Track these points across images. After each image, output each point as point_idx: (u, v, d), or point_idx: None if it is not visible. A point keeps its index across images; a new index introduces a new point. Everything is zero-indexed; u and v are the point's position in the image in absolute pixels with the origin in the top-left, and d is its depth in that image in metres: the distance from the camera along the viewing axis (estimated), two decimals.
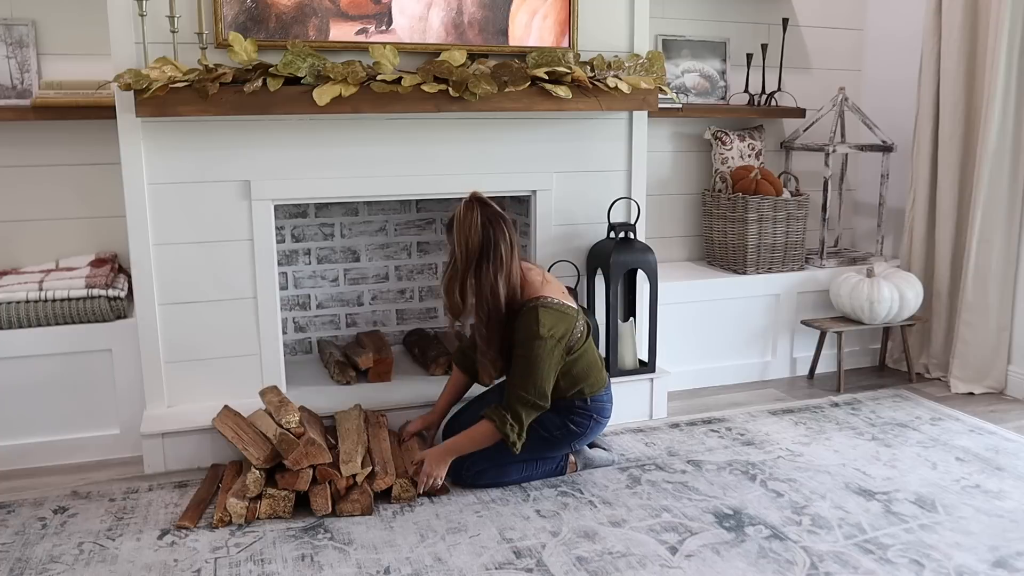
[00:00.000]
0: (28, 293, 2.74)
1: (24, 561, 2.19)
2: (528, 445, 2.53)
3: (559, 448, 2.63)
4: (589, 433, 2.64)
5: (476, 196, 2.50)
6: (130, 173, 2.64)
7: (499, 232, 2.43)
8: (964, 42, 3.48)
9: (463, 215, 2.45)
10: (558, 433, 2.58)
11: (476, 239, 2.42)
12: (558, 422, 2.58)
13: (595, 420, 2.63)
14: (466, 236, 2.43)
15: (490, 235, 2.42)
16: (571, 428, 2.59)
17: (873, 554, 2.21)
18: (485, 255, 2.42)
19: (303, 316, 3.42)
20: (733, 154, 3.76)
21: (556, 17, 2.96)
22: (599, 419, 2.64)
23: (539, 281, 2.56)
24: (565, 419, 2.58)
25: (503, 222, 2.46)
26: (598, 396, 2.63)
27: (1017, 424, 3.15)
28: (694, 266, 3.84)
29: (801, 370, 3.76)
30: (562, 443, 2.61)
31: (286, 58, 2.55)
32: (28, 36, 2.96)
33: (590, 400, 2.60)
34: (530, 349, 2.43)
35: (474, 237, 2.42)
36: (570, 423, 2.58)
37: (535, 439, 2.55)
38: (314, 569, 2.15)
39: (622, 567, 2.15)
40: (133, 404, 2.82)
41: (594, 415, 2.62)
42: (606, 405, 2.66)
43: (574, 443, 2.64)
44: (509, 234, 2.45)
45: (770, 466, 2.76)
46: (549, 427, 2.57)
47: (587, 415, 2.60)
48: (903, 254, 3.82)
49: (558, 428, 2.58)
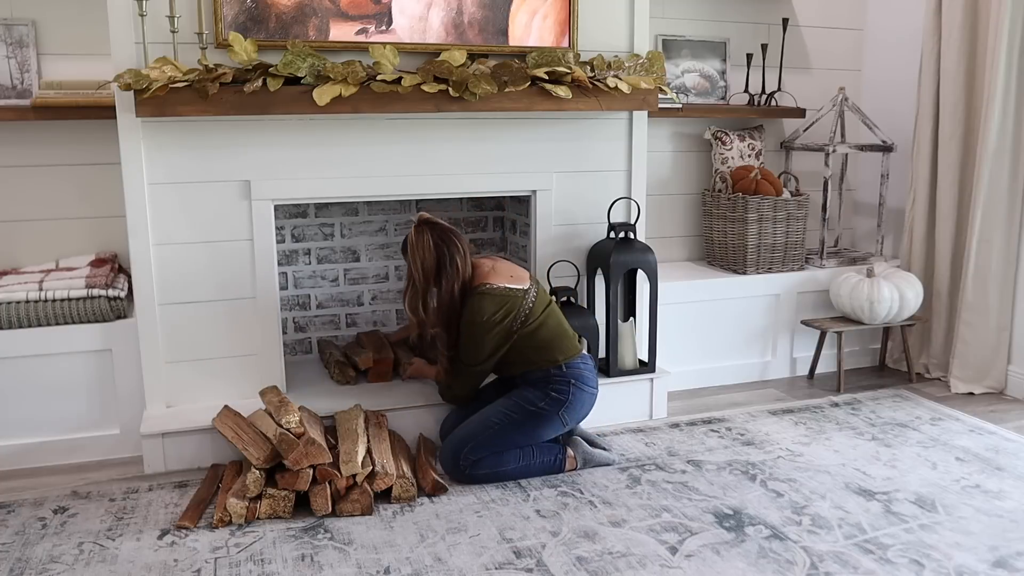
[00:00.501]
0: (28, 293, 2.74)
1: (24, 561, 2.19)
2: (519, 420, 2.61)
3: (551, 422, 2.65)
4: (575, 402, 2.67)
5: (423, 219, 2.68)
6: (130, 173, 2.64)
7: (452, 247, 2.63)
8: (964, 42, 3.48)
9: (415, 239, 2.64)
10: (543, 404, 2.63)
11: (431, 259, 2.62)
12: (540, 393, 2.64)
13: (575, 386, 2.66)
14: (421, 258, 2.63)
15: (444, 252, 2.63)
16: (553, 396, 2.64)
17: (873, 554, 2.21)
18: (441, 270, 2.63)
19: (303, 316, 3.42)
20: (733, 154, 3.76)
21: (556, 17, 2.96)
22: (580, 385, 2.67)
23: (487, 269, 2.70)
24: (545, 390, 2.65)
25: (454, 236, 2.66)
26: (573, 362, 2.69)
27: (1017, 424, 3.15)
28: (694, 266, 3.84)
29: (801, 370, 3.76)
30: (551, 415, 2.64)
31: (286, 58, 2.55)
32: (28, 36, 2.96)
33: (565, 367, 2.67)
34: (467, 330, 2.65)
35: (429, 257, 2.62)
36: (551, 391, 2.64)
37: (523, 414, 2.63)
38: (314, 569, 2.15)
39: (622, 567, 2.15)
40: (133, 404, 2.82)
41: (572, 380, 2.66)
42: (584, 372, 2.70)
43: (563, 414, 2.66)
44: (461, 245, 2.66)
45: (770, 466, 2.76)
46: (533, 400, 2.64)
47: (565, 381, 2.65)
48: (903, 254, 3.82)
49: (541, 399, 2.64)
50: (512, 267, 2.77)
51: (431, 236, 2.63)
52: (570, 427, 2.74)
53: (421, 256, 2.63)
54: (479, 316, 2.61)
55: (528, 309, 2.67)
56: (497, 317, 2.62)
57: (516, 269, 2.77)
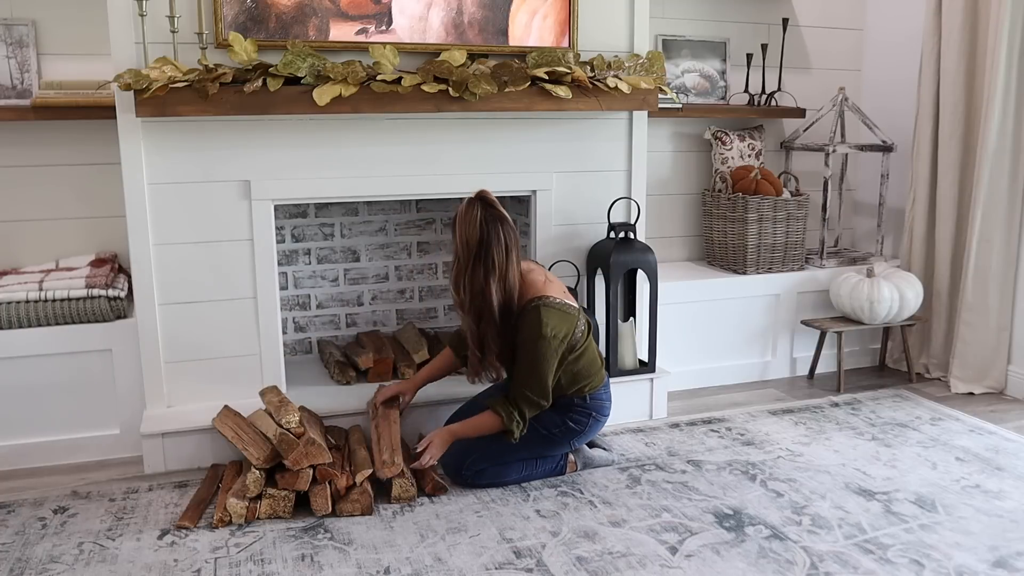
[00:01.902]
0: (28, 293, 2.74)
1: (24, 561, 2.19)
2: (528, 443, 2.55)
3: (558, 446, 2.63)
4: (588, 431, 2.64)
5: (481, 194, 2.51)
6: (130, 173, 2.64)
7: (494, 233, 2.44)
8: (964, 42, 3.48)
9: (464, 211, 2.48)
10: (557, 431, 2.59)
11: (475, 235, 2.44)
12: (557, 420, 2.59)
13: (594, 418, 2.64)
14: (465, 232, 2.45)
15: (486, 234, 2.43)
16: (570, 426, 2.59)
17: (873, 554, 2.21)
18: (480, 253, 2.44)
19: (303, 316, 3.42)
20: (733, 154, 3.76)
21: (556, 17, 2.96)
22: (598, 417, 2.65)
23: (541, 281, 2.57)
24: (565, 417, 2.59)
25: (502, 224, 2.46)
26: (597, 394, 2.64)
27: (1017, 424, 3.15)
28: (694, 266, 3.84)
29: (801, 370, 3.76)
30: (561, 441, 2.62)
31: (286, 58, 2.55)
32: (28, 36, 2.96)
33: (589, 398, 2.61)
34: (534, 348, 2.46)
35: (473, 233, 2.44)
36: (570, 421, 2.59)
37: (535, 437, 2.57)
38: (314, 569, 2.15)
39: (622, 567, 2.15)
40: (133, 404, 2.82)
41: (593, 413, 2.63)
42: (605, 404, 2.67)
43: (573, 441, 2.64)
44: (505, 237, 2.45)
45: (770, 466, 2.76)
46: (548, 425, 2.58)
47: (586, 413, 2.61)
48: (903, 254, 3.82)
49: (557, 426, 2.59)
50: (561, 283, 2.66)
51: (481, 213, 2.44)
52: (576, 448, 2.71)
53: (465, 230, 2.44)
54: (544, 328, 2.42)
55: (580, 333, 2.55)
56: (559, 333, 2.45)
57: (564, 285, 2.66)
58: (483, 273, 2.44)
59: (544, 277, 2.60)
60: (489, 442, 2.56)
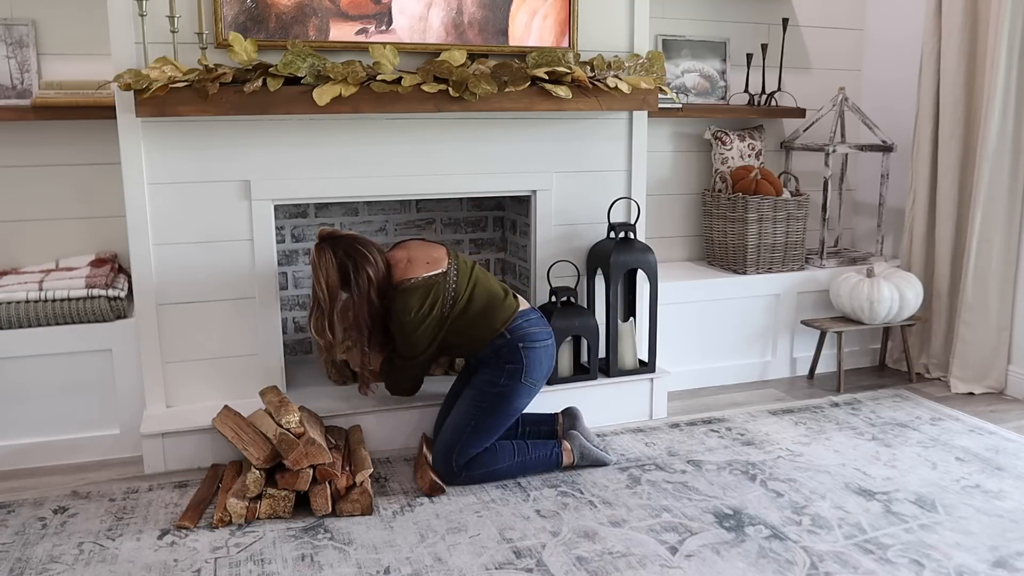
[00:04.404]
0: (28, 293, 2.74)
1: (24, 561, 2.19)
2: (489, 406, 2.57)
3: (519, 393, 2.60)
4: (532, 363, 2.61)
5: (324, 234, 2.60)
6: (130, 173, 2.64)
7: (360, 259, 2.54)
8: (964, 42, 3.48)
9: (317, 257, 2.56)
10: (503, 381, 2.59)
11: (335, 276, 2.54)
12: (495, 371, 2.60)
13: (526, 347, 2.60)
14: (325, 276, 2.54)
15: (348, 266, 2.53)
16: (509, 368, 2.59)
17: (873, 554, 2.21)
18: (349, 284, 2.54)
19: (303, 316, 3.42)
20: (733, 154, 3.76)
21: (556, 17, 2.96)
22: (530, 345, 2.61)
23: (404, 264, 2.63)
24: (499, 365, 2.60)
25: (360, 246, 2.56)
26: (514, 324, 2.62)
27: (1017, 424, 3.15)
28: (694, 266, 3.84)
29: (801, 370, 3.76)
30: (515, 386, 2.59)
31: (286, 58, 2.55)
32: (28, 36, 2.96)
33: (508, 333, 2.61)
34: (399, 331, 2.60)
35: (333, 275, 2.54)
36: (505, 365, 2.59)
37: (490, 397, 2.57)
38: (314, 569, 2.15)
39: (622, 567, 2.15)
40: (133, 404, 2.82)
41: (520, 344, 2.60)
42: (529, 329, 2.63)
43: (526, 380, 2.60)
44: (371, 254, 2.56)
45: (770, 466, 2.76)
46: (492, 380, 2.59)
47: (513, 347, 2.59)
48: (903, 254, 3.82)
49: (499, 376, 2.59)
50: (427, 250, 2.68)
51: (334, 253, 2.54)
52: (541, 386, 2.68)
53: (325, 275, 2.54)
54: (406, 315, 2.55)
55: (453, 290, 2.61)
56: (425, 309, 2.56)
57: (431, 250, 2.68)
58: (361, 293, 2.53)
59: (406, 257, 2.64)
60: (461, 424, 2.58)
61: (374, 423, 2.85)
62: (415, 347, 2.61)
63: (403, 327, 2.58)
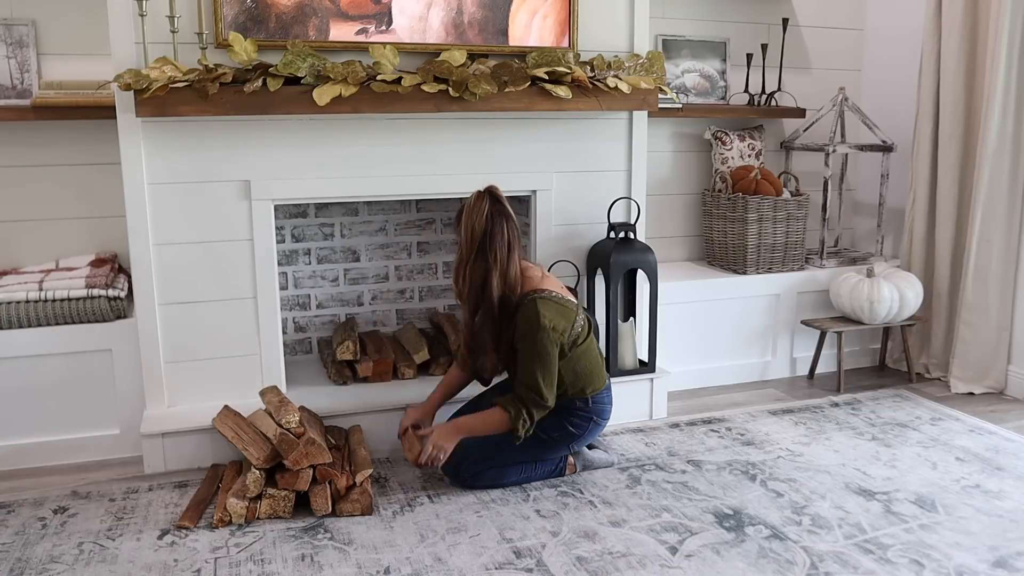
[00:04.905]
0: (28, 293, 2.74)
1: (24, 561, 2.19)
2: (527, 447, 2.54)
3: (557, 450, 2.62)
4: (587, 435, 2.64)
5: (491, 189, 2.55)
6: (130, 173, 2.64)
7: (499, 227, 2.48)
8: (964, 42, 3.48)
9: (472, 203, 2.51)
10: (557, 435, 2.58)
11: (480, 227, 2.47)
12: (556, 424, 2.57)
13: (594, 422, 2.63)
14: (472, 222, 2.48)
15: (490, 227, 2.47)
16: (569, 430, 2.59)
17: (873, 554, 2.21)
18: (484, 244, 2.47)
19: (303, 316, 3.42)
20: (733, 154, 3.76)
21: (556, 17, 2.96)
22: (598, 421, 2.64)
23: (538, 277, 2.60)
24: (564, 421, 2.58)
25: (507, 220, 2.50)
26: (599, 396, 2.63)
27: (1017, 424, 3.15)
28: (694, 266, 3.84)
29: (801, 370, 3.76)
30: (560, 445, 2.61)
31: (286, 58, 2.55)
32: (28, 36, 2.96)
33: (591, 401, 2.60)
34: (532, 340, 2.47)
35: (479, 224, 2.47)
36: (569, 425, 2.58)
37: (534, 441, 2.55)
38: (314, 569, 2.15)
39: (622, 567, 2.15)
40: (133, 404, 2.82)
41: (594, 417, 2.62)
42: (606, 407, 2.66)
43: (572, 445, 2.63)
44: (509, 233, 2.50)
45: (770, 466, 2.76)
46: (548, 429, 2.57)
47: (587, 417, 2.60)
48: (903, 254, 3.82)
49: (557, 430, 2.58)
50: (559, 281, 2.67)
51: (491, 208, 2.48)
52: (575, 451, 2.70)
53: (472, 221, 2.47)
54: (542, 320, 2.44)
55: (580, 328, 2.56)
56: (557, 326, 2.47)
57: (562, 284, 2.67)
58: (485, 265, 2.47)
59: (541, 274, 2.63)
60: (489, 445, 2.55)
61: (374, 423, 2.85)
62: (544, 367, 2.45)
63: (535, 337, 2.44)
